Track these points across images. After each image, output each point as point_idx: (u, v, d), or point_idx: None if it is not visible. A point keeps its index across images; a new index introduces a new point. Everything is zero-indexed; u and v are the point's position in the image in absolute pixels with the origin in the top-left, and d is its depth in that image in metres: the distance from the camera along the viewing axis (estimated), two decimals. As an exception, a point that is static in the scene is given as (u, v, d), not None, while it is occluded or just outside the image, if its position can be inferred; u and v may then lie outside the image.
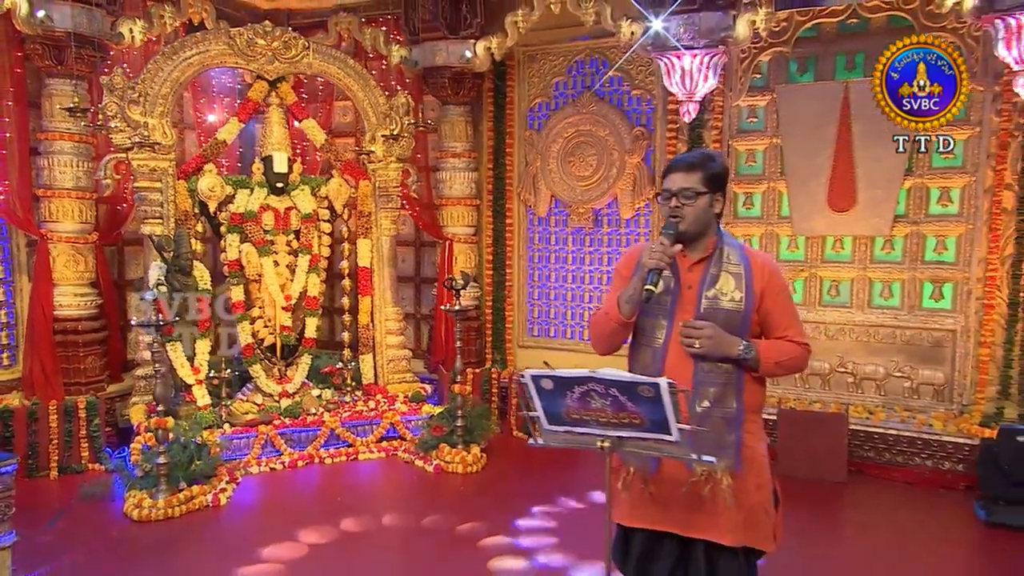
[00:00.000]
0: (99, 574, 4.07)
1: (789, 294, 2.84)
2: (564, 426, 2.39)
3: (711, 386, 2.65)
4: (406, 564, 4.40)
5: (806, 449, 5.59)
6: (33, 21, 5.50)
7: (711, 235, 2.74)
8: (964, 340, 5.86)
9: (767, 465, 2.74)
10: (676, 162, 2.78)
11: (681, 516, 2.68)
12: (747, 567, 2.74)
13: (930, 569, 4.22)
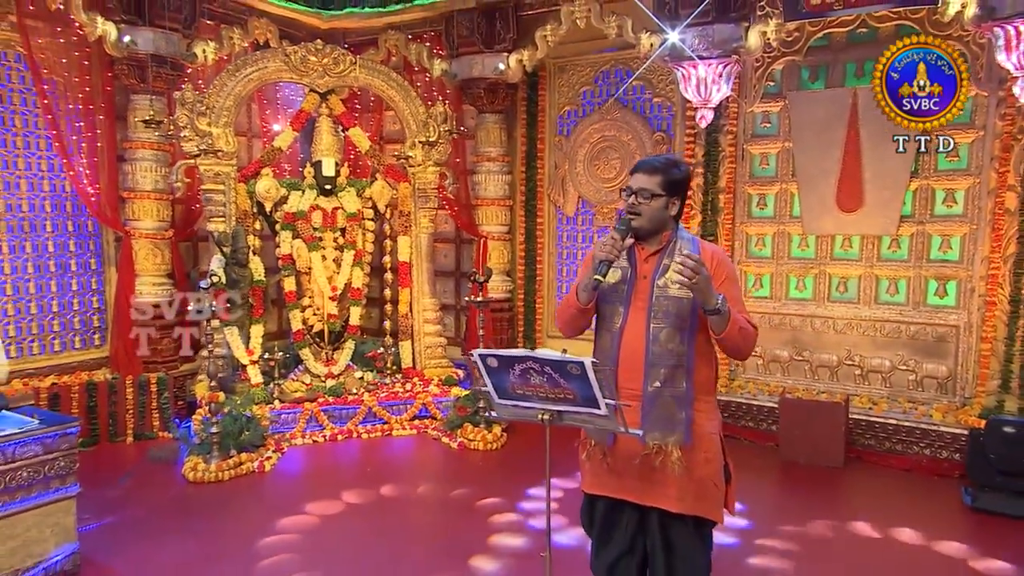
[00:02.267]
0: (154, 525, 4.40)
1: (736, 282, 2.86)
2: (511, 400, 2.55)
3: (662, 367, 2.71)
4: (419, 525, 4.60)
5: (806, 436, 5.59)
6: (120, 45, 5.96)
7: (666, 231, 2.79)
8: (967, 335, 5.79)
9: (717, 442, 2.80)
10: (641, 164, 2.84)
11: (636, 485, 2.79)
12: (699, 536, 2.83)
13: (911, 549, 4.21)
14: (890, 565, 4.04)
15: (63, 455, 3.58)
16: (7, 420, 3.59)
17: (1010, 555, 4.08)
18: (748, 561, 4.03)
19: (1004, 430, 4.71)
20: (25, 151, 6.08)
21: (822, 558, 4.09)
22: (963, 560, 4.07)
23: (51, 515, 3.59)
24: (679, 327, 2.70)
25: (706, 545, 2.89)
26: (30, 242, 6.11)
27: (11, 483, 3.40)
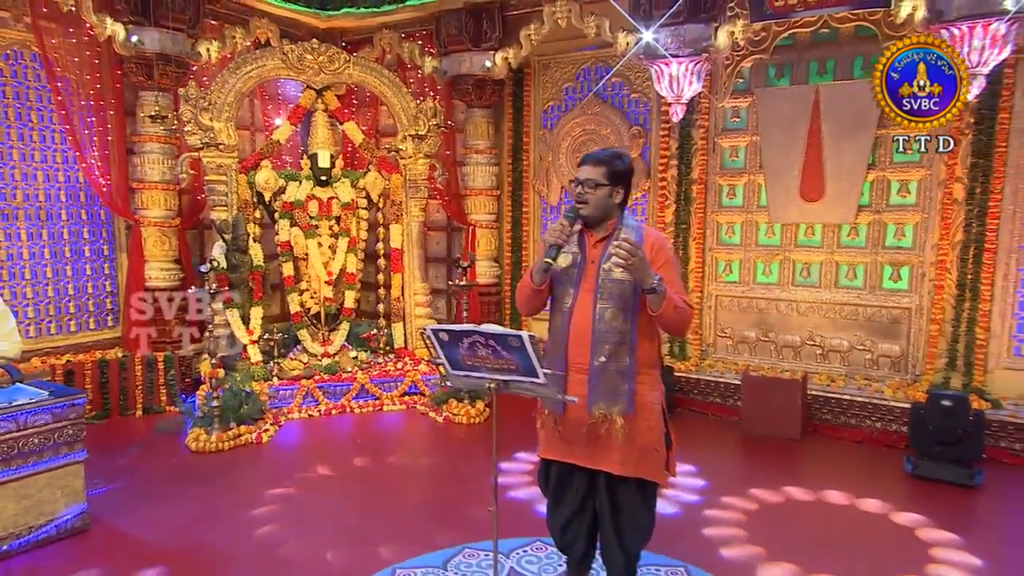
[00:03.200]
0: (158, 489, 4.56)
1: (675, 264, 2.98)
2: (463, 371, 2.72)
3: (607, 344, 2.85)
4: (401, 491, 4.74)
5: (766, 410, 5.74)
6: (128, 45, 6.04)
7: (612, 218, 2.91)
8: (918, 317, 5.92)
9: (658, 411, 2.95)
10: (587, 156, 2.95)
11: (584, 451, 2.95)
12: (642, 496, 3.00)
13: (851, 512, 4.37)
14: (829, 526, 4.21)
15: (71, 424, 3.78)
16: (21, 392, 3.78)
17: (940, 516, 4.25)
18: (701, 520, 4.21)
19: (942, 403, 4.84)
20: (41, 144, 6.18)
21: (768, 519, 4.25)
22: (898, 520, 4.24)
23: (61, 478, 3.79)
24: (623, 307, 2.84)
25: (649, 504, 3.06)
26: (47, 230, 6.22)
27: (24, 448, 3.61)
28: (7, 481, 3.58)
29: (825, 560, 3.71)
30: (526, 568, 3.60)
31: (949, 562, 3.76)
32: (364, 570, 3.57)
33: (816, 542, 3.96)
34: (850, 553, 3.83)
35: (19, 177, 6.04)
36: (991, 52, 4.88)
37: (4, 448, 3.54)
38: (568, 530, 3.14)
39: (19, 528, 3.64)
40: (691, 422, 6.14)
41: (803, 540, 3.98)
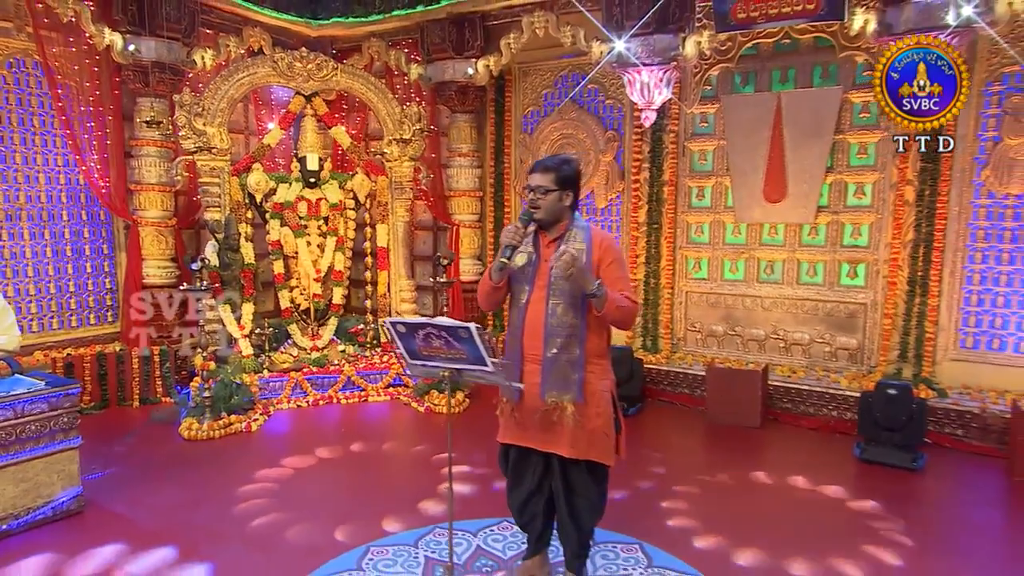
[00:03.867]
0: (151, 475, 4.67)
1: (622, 262, 3.10)
2: (420, 360, 2.86)
3: (559, 337, 2.98)
4: (381, 476, 4.87)
5: (728, 400, 5.87)
6: (126, 53, 6.11)
7: (563, 220, 3.05)
8: (873, 312, 6.05)
9: (608, 398, 3.08)
10: (537, 164, 3.07)
11: (537, 435, 3.10)
12: (593, 477, 3.15)
13: (801, 493, 4.52)
14: (780, 506, 4.36)
15: (66, 412, 3.92)
16: (19, 382, 3.92)
17: (880, 496, 4.42)
18: (658, 502, 4.35)
19: (888, 392, 4.99)
20: (43, 148, 6.22)
21: (722, 500, 4.41)
22: (842, 501, 4.41)
23: (57, 463, 3.92)
24: (573, 304, 2.97)
25: (600, 485, 3.20)
26: (48, 230, 6.27)
27: (21, 435, 3.74)
28: (6, 465, 3.72)
29: (777, 539, 3.85)
30: (492, 546, 3.75)
31: (882, 536, 3.92)
32: (342, 547, 3.71)
33: (769, 522, 4.10)
34: (802, 532, 3.97)
35: (22, 180, 6.10)
36: (937, 62, 5.04)
37: (3, 435, 3.68)
38: (527, 509, 3.30)
39: (17, 509, 3.78)
40: (660, 412, 6.28)
41: (756, 520, 4.12)
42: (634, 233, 6.96)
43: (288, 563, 3.54)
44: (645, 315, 6.94)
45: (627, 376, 6.09)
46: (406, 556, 3.62)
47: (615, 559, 3.62)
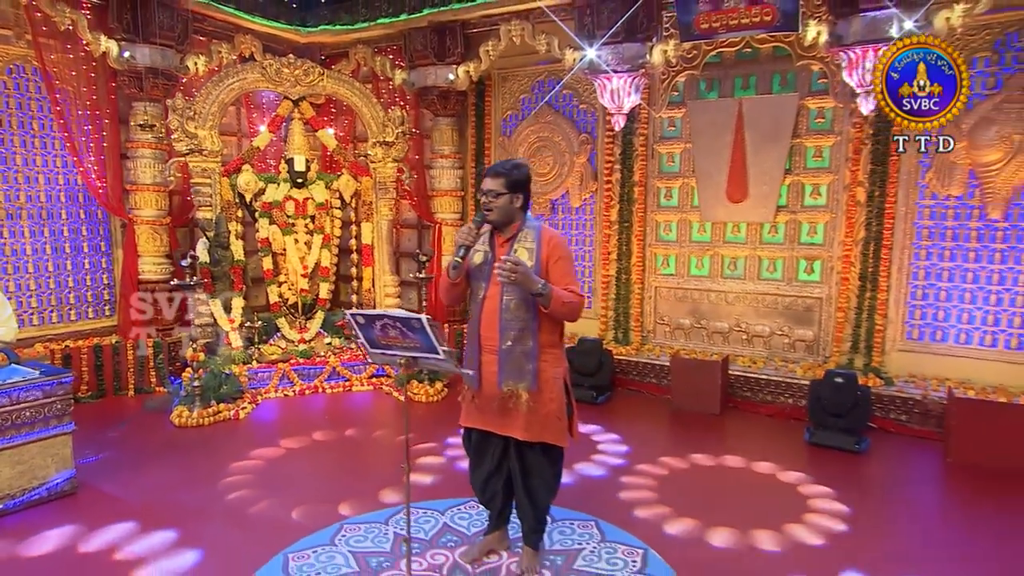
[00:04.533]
0: (143, 459, 4.80)
1: (568, 259, 3.20)
2: (380, 349, 3.00)
3: (512, 329, 3.12)
4: (359, 460, 5.01)
5: (691, 388, 6.02)
6: (121, 60, 6.17)
7: (516, 221, 3.18)
8: (828, 306, 6.19)
9: (560, 385, 3.22)
10: (489, 169, 3.21)
11: (496, 420, 3.25)
12: (547, 458, 3.30)
13: (750, 474, 4.69)
14: (732, 486, 4.54)
15: (59, 399, 4.05)
16: (15, 372, 4.06)
17: (823, 476, 4.61)
18: (617, 483, 4.52)
19: (835, 381, 5.15)
20: (42, 150, 6.30)
21: (675, 481, 4.56)
22: (786, 480, 4.59)
23: (51, 447, 4.06)
24: (526, 299, 3.10)
25: (554, 465, 3.35)
26: (48, 228, 6.35)
27: (17, 420, 3.88)
28: (3, 449, 3.86)
29: (720, 515, 4.03)
30: (458, 523, 3.91)
31: (823, 512, 4.11)
32: (319, 524, 3.86)
33: (715, 500, 4.27)
34: (742, 508, 4.14)
35: (22, 180, 6.19)
36: (883, 72, 5.18)
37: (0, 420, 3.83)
38: (488, 487, 3.46)
39: (14, 490, 3.92)
40: (628, 400, 6.44)
41: (703, 499, 4.29)
42: (606, 231, 7.11)
43: (266, 539, 3.69)
44: (617, 309, 7.10)
45: (596, 367, 6.26)
46: (376, 532, 3.78)
47: (571, 534, 3.78)
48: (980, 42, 5.35)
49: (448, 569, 3.42)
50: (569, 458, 4.76)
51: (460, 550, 3.58)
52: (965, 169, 5.46)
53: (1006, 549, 3.74)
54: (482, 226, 3.17)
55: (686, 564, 3.48)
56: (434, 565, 3.46)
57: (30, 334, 6.19)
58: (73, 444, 4.20)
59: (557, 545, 3.66)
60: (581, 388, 6.27)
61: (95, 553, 3.56)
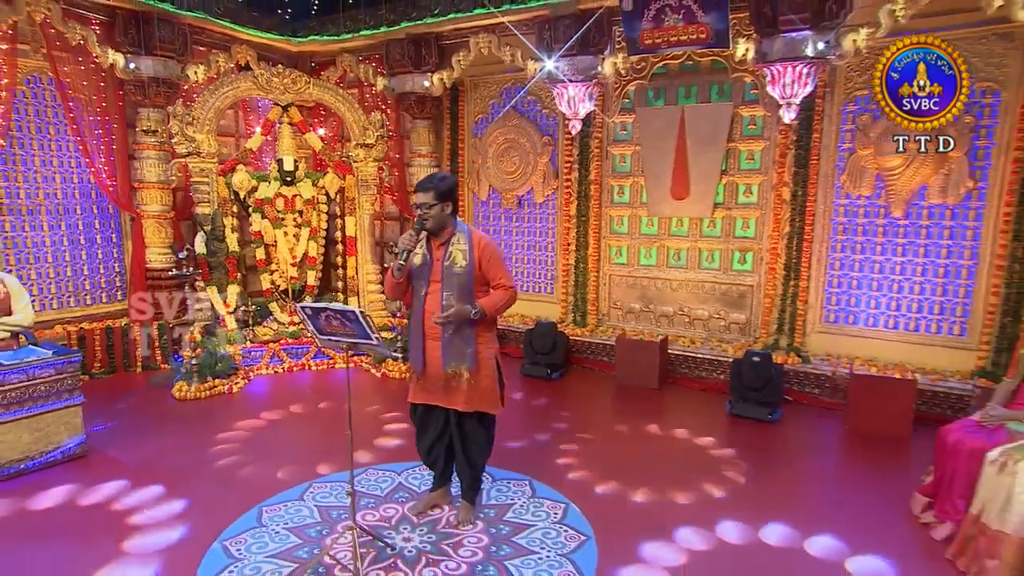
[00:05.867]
0: (145, 427, 5.16)
1: (499, 257, 3.51)
2: (326, 335, 3.34)
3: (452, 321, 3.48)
4: (333, 428, 5.24)
5: (633, 365, 6.36)
6: (127, 71, 6.43)
7: (448, 227, 3.49)
8: (757, 293, 6.51)
9: (493, 363, 3.58)
10: (419, 184, 3.49)
11: (440, 396, 3.62)
12: (481, 424, 3.68)
13: (674, 440, 5.04)
14: (657, 451, 4.87)
15: (69, 376, 4.43)
16: (32, 352, 4.44)
17: (735, 442, 5.00)
18: (554, 449, 4.87)
19: (752, 359, 5.51)
20: (58, 152, 6.55)
21: (608, 447, 4.91)
22: (702, 446, 4.96)
23: (63, 416, 4.44)
24: (462, 293, 3.45)
25: (487, 430, 3.73)
26: (64, 222, 6.63)
27: (33, 393, 4.27)
28: (22, 418, 4.25)
29: (637, 475, 4.40)
30: (410, 482, 4.30)
31: (726, 471, 4.51)
32: (291, 483, 4.24)
33: (636, 463, 4.63)
34: (659, 470, 4.51)
35: (40, 180, 6.46)
36: (799, 87, 5.41)
37: (18, 393, 4.22)
38: (432, 452, 3.83)
39: (32, 453, 4.33)
40: (580, 376, 6.80)
41: (627, 462, 4.65)
42: (566, 224, 7.44)
43: (247, 495, 4.08)
44: (575, 294, 7.45)
45: (551, 347, 6.64)
46: (340, 490, 4.17)
47: (506, 492, 4.17)
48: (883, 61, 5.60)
49: (397, 520, 3.81)
50: (516, 427, 5.20)
51: (409, 504, 3.97)
52: (873, 173, 5.78)
53: (873, 498, 4.13)
54: (420, 233, 3.50)
55: (601, 515, 3.87)
56: (385, 517, 3.86)
57: (50, 317, 6.53)
58: (83, 414, 4.59)
59: (493, 500, 4.05)
60: (537, 366, 6.68)
61: (100, 505, 3.96)
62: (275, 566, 3.32)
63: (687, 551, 3.51)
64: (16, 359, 4.28)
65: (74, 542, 3.55)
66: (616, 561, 3.39)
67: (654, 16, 5.83)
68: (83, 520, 3.79)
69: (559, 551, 3.48)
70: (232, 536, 3.60)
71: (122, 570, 3.28)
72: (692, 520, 3.84)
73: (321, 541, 3.57)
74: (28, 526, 3.72)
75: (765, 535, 3.69)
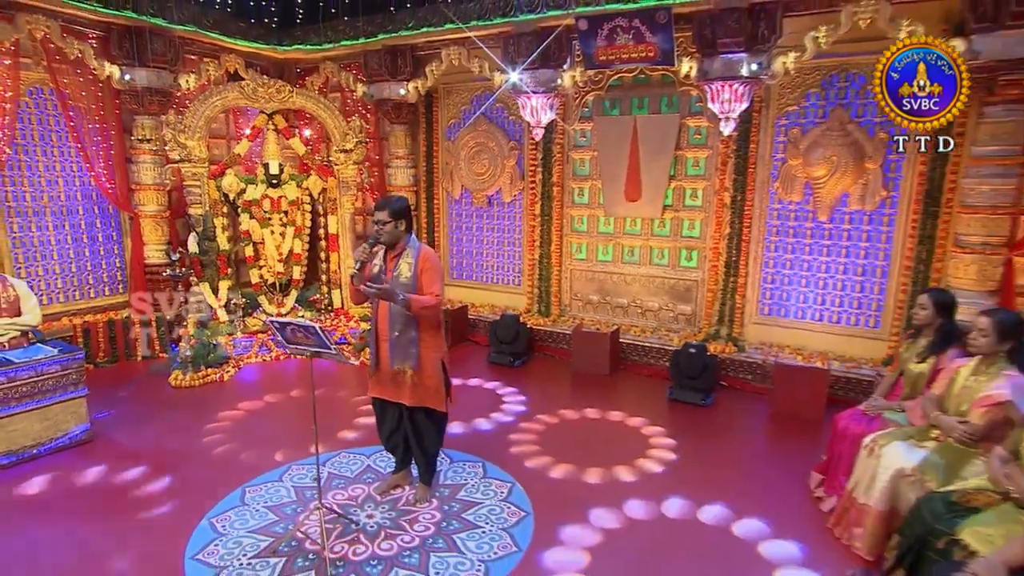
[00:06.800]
0: (146, 414, 5.45)
1: (435, 271, 3.73)
2: (292, 344, 3.67)
3: (399, 324, 3.77)
4: (309, 415, 5.38)
5: (588, 353, 6.70)
6: (123, 82, 6.65)
7: (401, 241, 3.78)
8: (701, 287, 6.85)
9: (438, 364, 3.86)
10: (377, 204, 3.77)
11: (390, 390, 3.94)
12: (430, 419, 3.99)
13: (617, 424, 5.39)
14: (599, 433, 5.24)
15: (74, 371, 4.77)
16: (40, 350, 4.78)
17: (669, 424, 5.38)
18: (509, 432, 5.23)
19: (689, 350, 5.90)
20: (60, 158, 6.75)
21: (556, 429, 5.28)
22: (635, 427, 5.34)
23: (70, 407, 4.78)
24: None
25: (436, 424, 4.05)
26: (68, 222, 6.86)
27: (43, 387, 4.62)
28: (33, 409, 4.60)
29: (577, 454, 4.77)
30: (378, 464, 4.67)
31: (659, 447, 4.93)
32: (273, 465, 4.60)
33: (579, 444, 4.99)
34: (598, 450, 4.88)
35: (44, 183, 6.69)
36: (736, 103, 5.74)
37: (29, 387, 4.57)
38: (390, 440, 4.19)
39: (43, 439, 4.69)
40: (541, 363, 7.15)
41: (571, 443, 5.02)
42: (532, 223, 7.75)
43: (232, 476, 4.45)
44: (540, 287, 7.79)
45: (514, 336, 7.01)
46: (314, 472, 4.51)
47: (461, 472, 4.55)
48: (812, 80, 5.93)
49: (363, 499, 4.20)
50: (475, 412, 5.57)
51: (374, 485, 4.36)
52: (802, 181, 6.12)
53: (781, 474, 4.56)
54: (375, 246, 3.82)
55: (541, 493, 4.25)
56: (353, 496, 4.24)
57: (57, 309, 6.85)
58: (88, 404, 4.94)
59: (448, 480, 4.43)
60: (502, 354, 7.05)
61: (104, 485, 4.34)
62: (254, 540, 3.71)
63: (613, 524, 3.92)
64: (26, 356, 4.63)
65: (83, 519, 3.93)
66: (549, 534, 3.79)
67: (607, 35, 6.08)
68: (87, 499, 4.16)
69: (501, 526, 3.89)
70: (218, 514, 3.99)
71: (121, 543, 3.67)
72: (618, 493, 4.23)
73: (295, 518, 3.96)
74: (38, 505, 4.10)
75: (681, 510, 4.10)
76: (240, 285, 7.60)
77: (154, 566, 3.47)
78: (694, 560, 3.59)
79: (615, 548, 3.68)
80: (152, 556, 3.56)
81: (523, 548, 3.66)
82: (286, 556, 3.56)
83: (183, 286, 6.68)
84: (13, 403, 4.52)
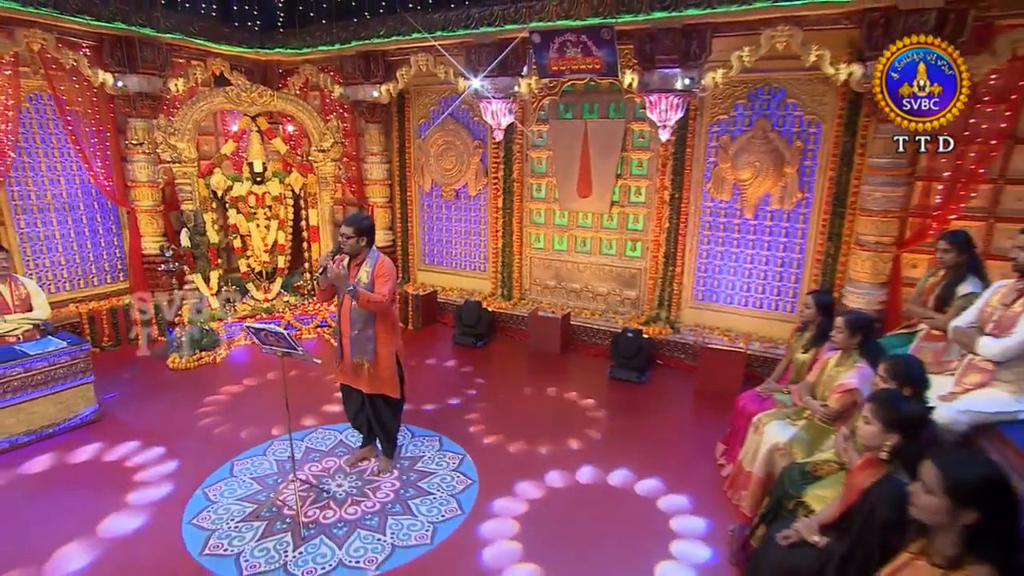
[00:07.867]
0: (147, 394, 5.83)
1: (387, 276, 4.05)
2: (268, 345, 4.12)
3: (358, 321, 4.17)
4: (293, 393, 6.03)
5: (541, 334, 7.16)
6: (115, 88, 6.86)
7: (362, 253, 4.16)
8: (644, 275, 7.28)
9: (393, 358, 4.26)
10: (345, 220, 4.13)
11: (352, 378, 4.37)
12: (387, 405, 4.43)
13: (557, 399, 5.84)
14: (543, 408, 5.68)
15: (81, 360, 5.19)
16: (50, 342, 5.20)
17: (605, 398, 5.83)
18: (466, 409, 5.68)
19: (627, 334, 6.39)
20: (61, 158, 7.04)
21: (505, 406, 5.73)
22: (577, 402, 5.81)
23: (80, 392, 5.22)
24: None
25: (392, 408, 4.50)
26: (70, 217, 7.17)
27: (54, 376, 5.05)
28: (48, 395, 5.04)
29: (523, 430, 5.26)
30: (349, 440, 5.14)
31: (596, 420, 5.42)
32: (258, 441, 5.08)
33: (525, 419, 5.46)
34: (541, 424, 5.38)
35: (47, 183, 6.99)
36: (672, 112, 6.13)
37: (43, 376, 5.00)
38: (356, 419, 4.64)
39: (57, 420, 5.14)
40: (501, 344, 7.58)
41: (517, 418, 5.49)
42: (495, 215, 8.15)
43: (222, 450, 4.92)
44: (502, 273, 8.23)
45: (476, 320, 7.47)
46: (294, 447, 5.06)
47: (420, 446, 5.05)
48: (740, 93, 6.31)
49: (334, 470, 4.71)
50: (437, 391, 6.04)
51: (344, 458, 4.86)
52: (731, 182, 6.55)
53: (693, 444, 5.11)
54: (337, 255, 4.20)
55: (486, 463, 4.77)
56: (327, 467, 4.75)
57: (64, 297, 7.23)
58: (96, 388, 5.36)
59: (409, 453, 4.93)
60: (466, 336, 7.51)
61: (113, 461, 4.80)
62: (240, 506, 4.23)
63: (546, 489, 4.44)
64: (39, 348, 5.06)
65: (94, 489, 4.41)
66: (491, 498, 4.31)
67: (558, 48, 6.41)
68: (97, 473, 4.65)
69: (449, 492, 4.42)
70: (210, 484, 4.49)
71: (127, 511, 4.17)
72: (555, 465, 4.76)
73: (276, 488, 4.47)
74: (55, 476, 4.58)
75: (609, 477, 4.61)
76: (229, 272, 7.97)
77: (157, 531, 3.96)
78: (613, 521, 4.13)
79: (547, 505, 4.23)
80: (154, 522, 4.05)
81: (467, 511, 4.18)
82: (267, 520, 4.07)
83: (177, 279, 7.06)
84: (31, 389, 4.95)
